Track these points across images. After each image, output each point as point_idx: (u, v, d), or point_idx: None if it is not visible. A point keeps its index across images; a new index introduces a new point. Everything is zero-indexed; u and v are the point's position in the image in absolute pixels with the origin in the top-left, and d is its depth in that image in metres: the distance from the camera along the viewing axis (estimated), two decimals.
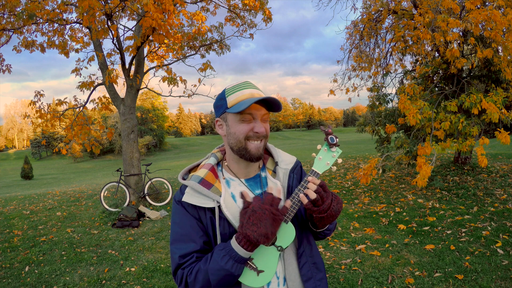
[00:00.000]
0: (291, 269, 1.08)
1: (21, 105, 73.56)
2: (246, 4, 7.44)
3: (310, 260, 1.12)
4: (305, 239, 1.13)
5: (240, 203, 1.06)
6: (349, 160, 11.64)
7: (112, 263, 4.10)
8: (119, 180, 6.83)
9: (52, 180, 20.95)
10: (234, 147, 1.06)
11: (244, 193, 1.01)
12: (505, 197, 5.33)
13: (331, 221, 1.02)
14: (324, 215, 0.98)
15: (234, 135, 1.05)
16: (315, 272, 1.12)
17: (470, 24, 4.41)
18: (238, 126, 1.04)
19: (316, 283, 1.10)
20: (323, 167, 1.04)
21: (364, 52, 8.00)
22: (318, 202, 0.97)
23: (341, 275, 3.29)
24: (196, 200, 1.04)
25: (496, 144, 9.80)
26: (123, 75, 6.97)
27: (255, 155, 1.05)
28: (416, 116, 4.54)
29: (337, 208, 1.00)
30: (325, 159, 1.04)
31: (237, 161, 1.10)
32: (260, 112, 1.05)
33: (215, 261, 0.95)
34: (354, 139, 39.60)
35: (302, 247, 1.11)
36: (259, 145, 1.05)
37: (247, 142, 1.04)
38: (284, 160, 1.17)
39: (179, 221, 1.05)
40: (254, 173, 1.14)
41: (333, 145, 1.04)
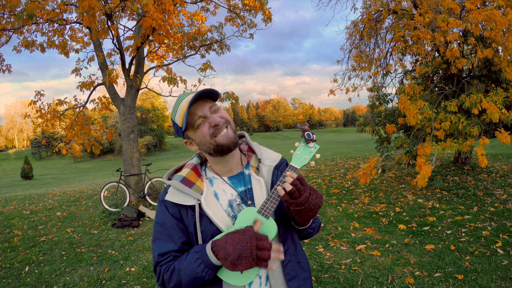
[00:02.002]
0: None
1: (21, 105, 73.56)
2: (246, 4, 7.44)
3: (294, 259, 1.11)
4: (289, 237, 1.12)
5: (224, 202, 1.08)
6: (349, 160, 11.64)
7: (112, 263, 4.10)
8: (119, 180, 6.83)
9: (52, 180, 20.95)
10: (210, 151, 1.07)
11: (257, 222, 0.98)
12: (505, 197, 5.33)
13: (310, 215, 1.00)
14: (302, 208, 0.97)
15: (202, 143, 1.07)
16: (299, 271, 1.11)
17: (470, 24, 4.41)
18: (199, 132, 1.06)
19: (300, 282, 1.09)
20: (301, 162, 1.05)
21: (364, 52, 7.99)
22: (295, 194, 0.97)
23: (341, 275, 3.29)
24: (177, 198, 1.06)
25: (496, 144, 9.81)
26: (123, 75, 6.97)
27: (229, 143, 1.06)
28: (416, 116, 4.54)
29: (316, 202, 0.99)
30: (302, 154, 1.07)
31: (218, 161, 1.12)
32: (205, 108, 1.06)
33: (188, 262, 0.97)
34: (354, 139, 39.60)
35: (286, 245, 1.09)
36: (226, 133, 1.06)
37: (215, 139, 1.05)
38: (269, 157, 1.17)
39: (160, 221, 1.08)
40: (237, 170, 1.14)
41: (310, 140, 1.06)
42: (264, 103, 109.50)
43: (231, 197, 1.10)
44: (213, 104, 1.09)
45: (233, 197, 1.10)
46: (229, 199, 1.09)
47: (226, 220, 1.05)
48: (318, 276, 3.31)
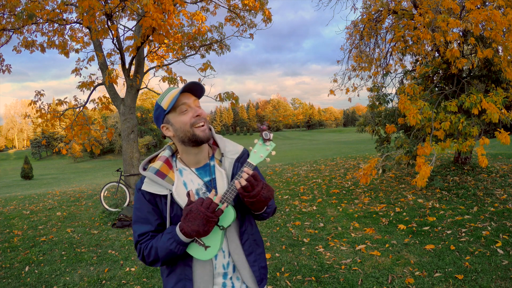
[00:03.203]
0: (235, 245, 1.25)
1: (21, 105, 73.58)
2: (246, 4, 7.44)
3: (251, 238, 1.30)
4: (247, 220, 1.30)
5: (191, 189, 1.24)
6: (349, 160, 11.64)
7: (112, 263, 4.10)
8: (119, 180, 6.83)
9: (52, 180, 20.95)
10: (184, 139, 1.21)
11: (190, 192, 1.16)
12: (505, 197, 5.33)
13: (262, 205, 1.17)
14: (254, 200, 1.13)
15: (181, 129, 1.19)
16: (255, 247, 1.31)
17: (470, 24, 4.41)
18: (180, 118, 1.19)
19: (256, 256, 1.30)
20: (257, 159, 1.18)
21: (364, 52, 7.99)
22: (248, 188, 1.12)
23: (341, 275, 3.29)
24: (152, 188, 1.21)
25: (496, 144, 9.81)
26: (123, 75, 6.96)
27: (204, 137, 1.20)
28: (416, 116, 4.54)
29: (267, 195, 1.15)
30: (259, 152, 1.19)
31: (188, 152, 1.25)
32: (191, 100, 1.21)
33: (163, 241, 1.16)
34: (354, 139, 39.61)
35: (244, 226, 1.28)
36: (203, 128, 1.20)
37: (194, 129, 1.19)
38: (231, 150, 1.31)
39: (138, 207, 1.24)
40: (204, 162, 1.28)
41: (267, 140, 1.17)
42: (264, 103, 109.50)
43: (198, 186, 1.25)
44: (196, 99, 1.24)
45: (200, 186, 1.25)
46: (196, 188, 1.25)
47: None
48: (318, 276, 3.31)
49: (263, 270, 1.32)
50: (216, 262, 1.24)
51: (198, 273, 1.22)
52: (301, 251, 3.99)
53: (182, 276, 1.23)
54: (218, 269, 1.24)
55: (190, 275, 1.22)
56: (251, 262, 1.28)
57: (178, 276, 1.23)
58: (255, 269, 1.28)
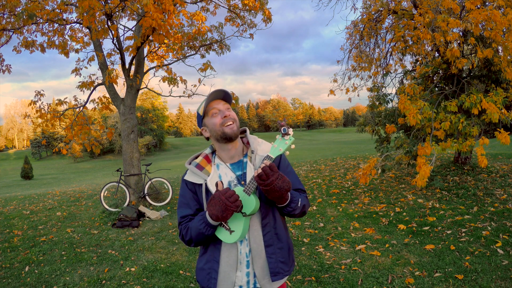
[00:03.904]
0: (256, 234, 1.37)
1: (21, 105, 73.55)
2: (246, 4, 7.44)
3: (273, 231, 1.41)
4: (270, 213, 1.41)
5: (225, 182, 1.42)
6: (349, 160, 11.64)
7: (112, 263, 4.10)
8: (119, 180, 6.83)
9: (52, 180, 20.95)
10: (217, 137, 1.40)
11: (218, 183, 1.34)
12: (505, 197, 5.33)
13: (278, 195, 1.26)
14: (268, 188, 1.23)
15: (213, 129, 1.40)
16: (276, 241, 1.41)
17: (470, 24, 4.41)
18: (212, 120, 1.40)
19: (276, 250, 1.40)
20: (276, 152, 1.30)
21: (364, 52, 7.99)
22: (263, 177, 1.23)
23: (341, 275, 3.29)
24: (192, 178, 1.44)
25: (496, 144, 9.81)
26: (123, 75, 6.96)
27: (231, 134, 1.38)
28: (416, 116, 4.54)
29: (281, 185, 1.24)
30: (279, 146, 1.30)
31: (223, 149, 1.44)
32: (221, 105, 1.41)
33: (195, 222, 1.36)
34: (354, 139, 39.61)
35: (267, 219, 1.40)
36: (231, 126, 1.38)
37: (223, 128, 1.38)
38: (263, 149, 1.46)
39: (182, 193, 1.48)
40: (237, 158, 1.46)
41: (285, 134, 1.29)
42: (264, 103, 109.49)
43: (230, 179, 1.42)
44: (227, 104, 1.44)
45: (232, 179, 1.43)
46: (228, 180, 1.42)
47: None
48: (318, 276, 3.31)
49: (281, 264, 1.40)
50: (241, 248, 1.38)
51: (224, 257, 1.38)
52: (301, 251, 3.99)
53: (211, 258, 1.40)
54: (242, 255, 1.38)
55: (218, 257, 1.39)
56: (269, 254, 1.37)
57: (208, 257, 1.42)
58: (271, 261, 1.37)
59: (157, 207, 6.77)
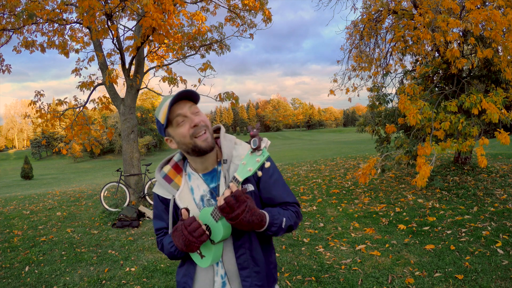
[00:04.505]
0: (229, 257, 1.22)
1: (21, 105, 73.57)
2: (246, 4, 7.44)
3: (248, 253, 1.22)
4: (246, 236, 1.22)
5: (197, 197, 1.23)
6: (349, 160, 11.64)
7: (112, 263, 4.10)
8: (119, 180, 6.83)
9: (52, 180, 20.95)
10: (188, 150, 1.17)
11: (183, 211, 1.15)
12: (505, 197, 5.33)
13: (246, 229, 1.08)
14: (234, 223, 1.04)
15: (181, 141, 1.15)
16: (252, 264, 1.22)
17: (470, 24, 4.41)
18: (178, 130, 1.14)
19: (252, 273, 1.22)
20: (245, 173, 0.99)
21: (364, 52, 7.99)
22: (225, 209, 1.02)
23: (341, 275, 3.29)
24: (161, 191, 1.28)
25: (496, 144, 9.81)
26: (123, 75, 6.96)
27: (206, 147, 1.15)
28: (416, 116, 4.54)
29: (250, 219, 1.04)
30: (248, 164, 0.98)
31: (194, 161, 1.23)
32: (186, 108, 1.14)
33: (166, 242, 1.25)
34: (354, 139, 39.62)
35: (241, 241, 1.22)
36: (205, 137, 1.14)
37: (194, 140, 1.13)
38: (240, 154, 1.21)
39: (155, 205, 1.33)
40: (211, 167, 1.24)
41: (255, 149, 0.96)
42: (264, 103, 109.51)
43: (203, 193, 1.23)
44: (193, 105, 1.17)
45: (205, 192, 1.23)
46: (201, 194, 1.23)
47: (196, 213, 1.21)
48: (318, 276, 3.31)
49: None
50: (217, 269, 1.25)
51: (199, 276, 1.27)
52: (301, 251, 3.99)
53: (187, 273, 1.29)
54: (218, 276, 1.25)
55: (193, 274, 1.27)
56: (243, 277, 1.22)
57: (184, 271, 1.30)
58: (246, 284, 1.22)
59: None
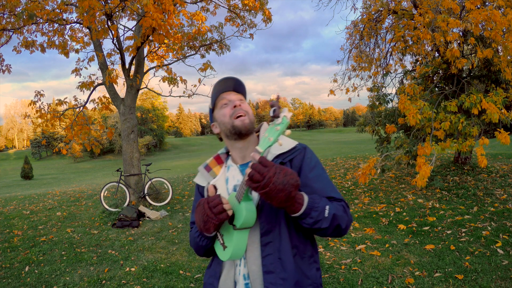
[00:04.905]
0: (254, 254, 1.11)
1: (21, 105, 73.54)
2: (246, 4, 7.44)
3: (276, 254, 1.08)
4: (276, 230, 1.10)
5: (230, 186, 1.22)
6: (349, 160, 11.64)
7: (112, 263, 4.10)
8: (119, 180, 6.83)
9: (52, 180, 20.95)
10: (227, 131, 1.20)
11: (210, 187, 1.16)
12: (505, 197, 5.33)
13: (284, 196, 0.93)
14: (267, 190, 0.92)
15: (222, 121, 1.20)
16: (279, 269, 1.07)
17: (470, 24, 4.41)
18: (221, 112, 1.21)
19: (278, 280, 1.06)
20: (265, 143, 0.94)
21: (364, 52, 7.99)
22: (255, 176, 0.93)
23: (341, 275, 3.29)
24: (199, 180, 1.32)
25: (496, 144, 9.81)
26: (123, 75, 6.96)
27: (241, 127, 1.16)
28: (416, 116, 4.54)
29: (285, 180, 0.92)
30: (269, 134, 0.94)
31: (234, 146, 1.23)
32: (231, 95, 1.21)
33: (193, 231, 1.26)
34: (354, 139, 39.60)
35: (269, 237, 1.10)
36: (243, 118, 1.16)
37: (233, 120, 1.17)
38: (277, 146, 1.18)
39: (195, 197, 1.34)
40: (249, 159, 1.22)
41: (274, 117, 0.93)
42: (264, 103, 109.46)
43: (236, 182, 1.21)
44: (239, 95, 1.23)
45: (238, 182, 1.21)
46: (234, 184, 1.22)
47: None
48: None
49: None
50: (240, 269, 1.14)
51: (223, 275, 1.18)
52: None
53: (213, 273, 1.22)
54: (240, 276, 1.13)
55: (219, 274, 1.20)
56: (267, 283, 1.07)
57: (211, 272, 1.24)
58: None
59: (157, 207, 6.77)
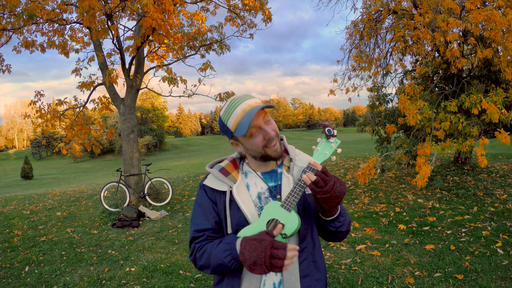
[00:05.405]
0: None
1: (21, 105, 73.53)
2: (246, 4, 7.44)
3: (310, 258, 1.16)
4: (309, 236, 1.17)
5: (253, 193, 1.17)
6: (349, 160, 11.64)
7: (112, 263, 4.10)
8: (119, 180, 6.83)
9: (52, 180, 20.95)
10: (256, 156, 1.16)
11: (278, 226, 1.05)
12: (505, 197, 5.33)
13: (336, 202, 1.04)
14: (328, 195, 1.01)
15: (252, 149, 1.15)
16: (314, 270, 1.16)
17: (470, 24, 4.41)
18: (252, 141, 1.14)
19: (312, 282, 1.14)
20: (322, 157, 1.09)
21: (364, 52, 8.00)
22: (320, 183, 1.01)
23: (341, 275, 3.29)
24: (214, 184, 1.19)
25: (496, 144, 9.81)
26: (123, 75, 6.96)
27: (276, 156, 1.15)
28: (416, 116, 4.54)
29: (341, 189, 1.03)
30: (323, 150, 1.10)
31: (257, 162, 1.21)
32: (260, 119, 1.12)
33: (218, 250, 1.09)
34: (354, 139, 39.57)
35: (304, 243, 1.15)
36: (276, 148, 1.15)
37: (266, 149, 1.14)
38: (302, 159, 1.24)
39: (200, 202, 1.22)
40: (271, 168, 1.23)
41: (331, 136, 1.09)
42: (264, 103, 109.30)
43: (260, 190, 1.18)
44: (266, 114, 1.16)
45: (263, 190, 1.18)
46: (258, 192, 1.18)
47: (252, 209, 1.14)
48: None
49: None
50: (266, 279, 1.12)
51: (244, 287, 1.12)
52: None
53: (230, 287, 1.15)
54: (267, 286, 1.12)
55: (238, 287, 1.13)
56: (304, 286, 1.12)
57: (226, 286, 1.16)
58: None
59: (157, 207, 6.77)
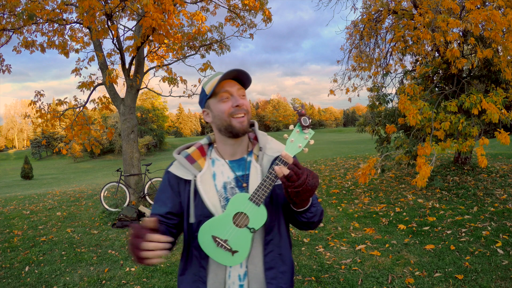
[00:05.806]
0: (255, 254, 1.11)
1: (21, 105, 73.50)
2: (246, 4, 7.44)
3: (276, 250, 1.14)
4: (275, 228, 1.14)
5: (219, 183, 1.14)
6: (349, 160, 11.64)
7: (112, 263, 4.10)
8: (119, 180, 6.83)
9: (52, 180, 20.95)
10: (221, 127, 1.14)
11: (151, 220, 1.01)
12: (505, 197, 5.33)
13: (308, 195, 1.00)
14: (300, 189, 0.97)
15: (218, 116, 1.13)
16: (279, 263, 1.14)
17: (470, 24, 4.41)
18: (219, 106, 1.12)
19: (278, 274, 1.12)
20: (295, 149, 1.02)
21: (364, 52, 7.99)
22: (293, 177, 0.97)
23: (341, 275, 3.29)
24: (178, 171, 1.16)
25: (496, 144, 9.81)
26: (123, 75, 6.96)
27: (239, 129, 1.11)
28: (416, 116, 4.54)
29: (313, 183, 0.99)
30: (297, 141, 1.02)
31: (224, 142, 1.17)
32: (235, 88, 1.12)
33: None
34: (354, 139, 39.58)
35: (271, 235, 1.13)
36: (242, 120, 1.12)
37: (231, 119, 1.11)
38: (273, 147, 1.19)
39: (162, 188, 1.19)
40: (239, 156, 1.19)
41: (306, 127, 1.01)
42: (264, 103, 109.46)
43: (227, 180, 1.14)
44: (242, 89, 1.15)
45: (229, 179, 1.15)
46: (224, 181, 1.14)
47: (215, 199, 1.11)
48: (318, 276, 3.31)
49: None
50: (231, 270, 1.10)
51: (210, 278, 1.11)
52: (301, 251, 3.99)
53: (195, 278, 1.13)
54: (232, 278, 1.10)
55: (205, 278, 1.11)
56: (269, 278, 1.11)
57: (189, 277, 1.14)
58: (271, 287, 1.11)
59: None
